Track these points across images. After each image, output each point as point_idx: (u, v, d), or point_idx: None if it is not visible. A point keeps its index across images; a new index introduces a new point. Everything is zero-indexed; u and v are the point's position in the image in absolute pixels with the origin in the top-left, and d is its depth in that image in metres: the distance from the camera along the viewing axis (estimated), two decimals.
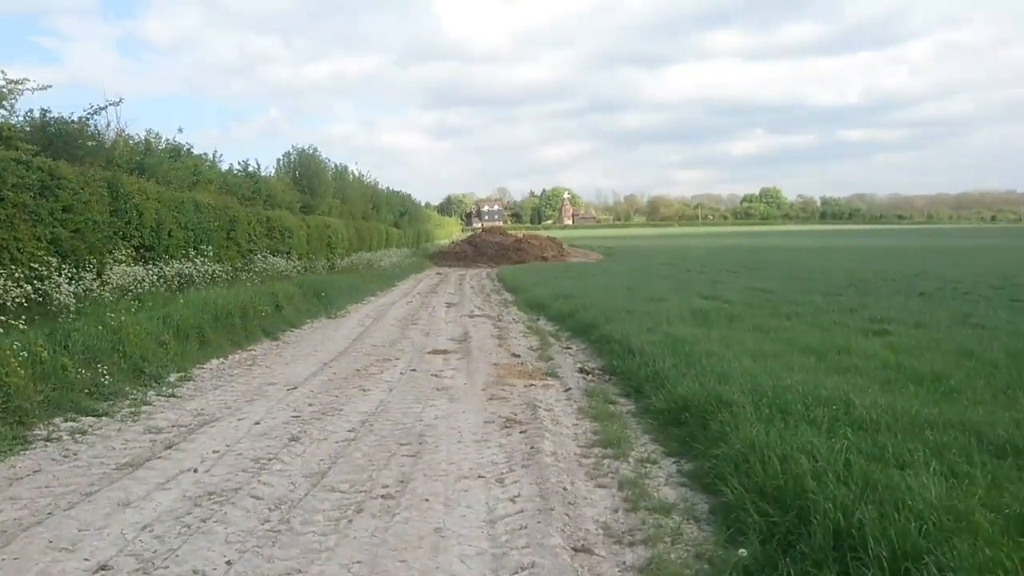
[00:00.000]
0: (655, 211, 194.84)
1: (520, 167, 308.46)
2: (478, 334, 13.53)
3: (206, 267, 14.93)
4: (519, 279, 26.82)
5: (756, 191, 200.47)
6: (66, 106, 16.90)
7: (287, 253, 21.62)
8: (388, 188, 52.79)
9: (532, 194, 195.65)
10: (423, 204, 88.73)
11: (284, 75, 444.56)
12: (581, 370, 9.69)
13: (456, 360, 10.66)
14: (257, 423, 6.62)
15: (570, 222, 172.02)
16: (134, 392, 7.71)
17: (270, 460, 5.51)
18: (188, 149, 19.76)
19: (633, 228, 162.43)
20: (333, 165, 37.88)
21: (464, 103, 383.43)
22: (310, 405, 7.44)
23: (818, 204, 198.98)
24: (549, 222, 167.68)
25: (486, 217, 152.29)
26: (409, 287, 27.19)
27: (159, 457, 5.58)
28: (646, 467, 5.48)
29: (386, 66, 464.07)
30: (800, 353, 9.71)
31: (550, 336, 13.35)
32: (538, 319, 16.48)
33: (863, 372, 8.35)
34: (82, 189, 11.18)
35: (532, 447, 5.77)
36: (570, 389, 8.48)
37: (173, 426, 6.60)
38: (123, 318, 8.60)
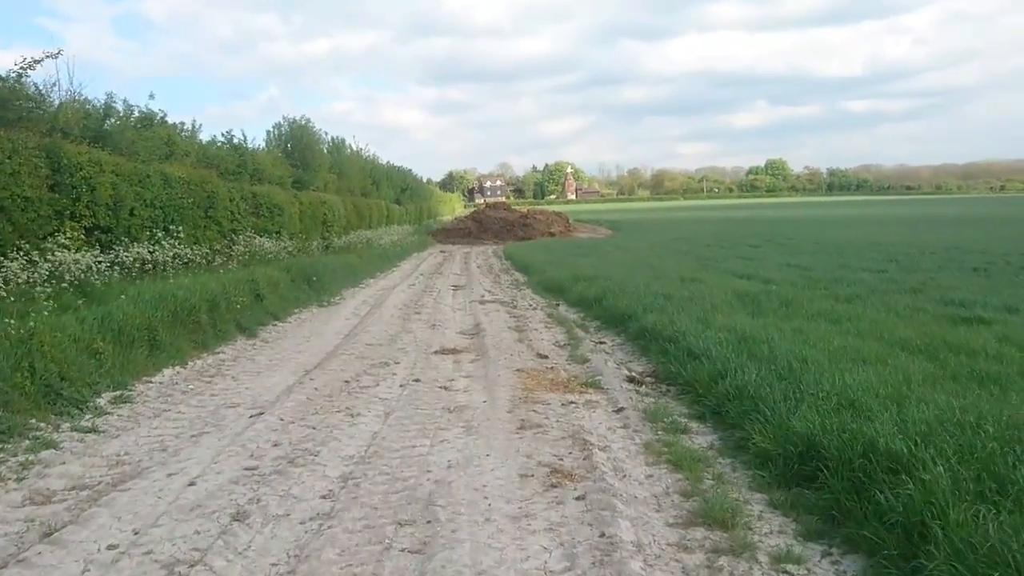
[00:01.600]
0: (659, 185, 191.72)
1: (522, 142, 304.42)
2: (492, 326, 11.50)
3: (176, 250, 12.90)
4: (529, 257, 24.75)
5: (759, 164, 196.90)
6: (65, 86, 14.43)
7: (277, 233, 19.54)
8: (388, 163, 50.58)
9: (535, 169, 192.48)
10: (425, 180, 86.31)
11: (284, 52, 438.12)
12: (630, 378, 7.63)
13: (469, 363, 8.63)
14: (192, 483, 4.58)
15: (573, 197, 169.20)
16: (40, 427, 5.68)
17: (192, 567, 3.48)
18: (162, 117, 17.62)
19: (638, 202, 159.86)
20: (330, 138, 35.75)
21: (464, 79, 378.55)
22: (275, 445, 5.40)
23: (825, 176, 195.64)
24: (552, 197, 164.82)
25: (488, 193, 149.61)
26: (411, 267, 25.15)
27: (20, 561, 3.56)
28: (792, 574, 3.44)
29: (386, 42, 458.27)
30: (904, 352, 7.67)
31: (577, 327, 11.31)
32: (558, 304, 14.44)
33: (1009, 383, 6.30)
34: (7, 159, 9.12)
35: (602, 533, 3.73)
36: (623, 409, 6.44)
37: (72, 488, 4.57)
38: (32, 323, 6.53)
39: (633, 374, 7.82)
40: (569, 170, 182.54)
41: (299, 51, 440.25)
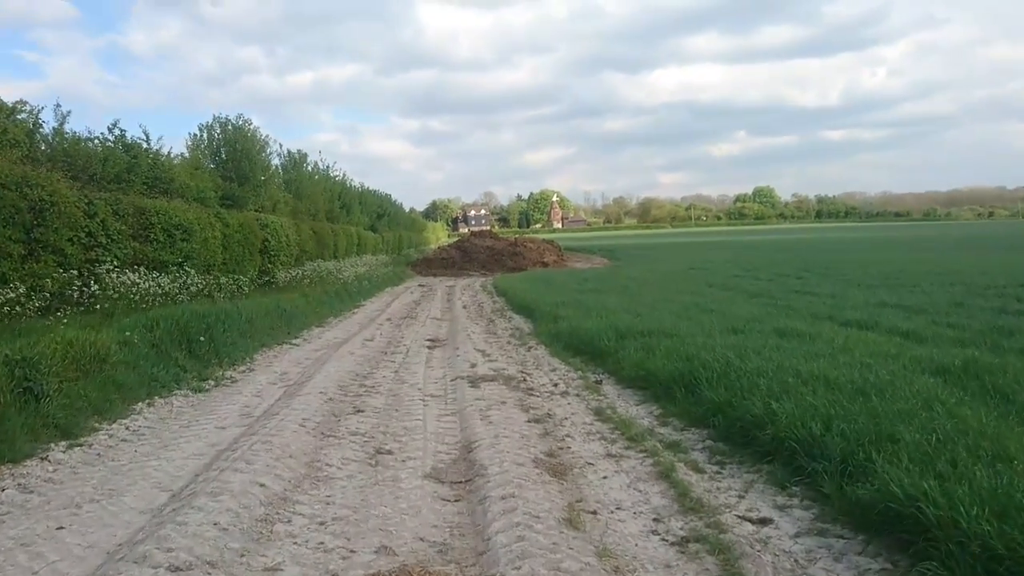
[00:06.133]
0: (646, 212, 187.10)
1: (505, 172, 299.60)
2: (499, 453, 5.52)
3: None
4: (529, 294, 18.71)
5: (740, 192, 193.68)
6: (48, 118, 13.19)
7: (179, 265, 13.52)
8: (362, 185, 44.69)
9: (519, 198, 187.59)
10: (408, 209, 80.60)
11: (267, 85, 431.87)
12: None
13: None
14: None
15: (560, 225, 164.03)
16: None
17: None
18: None
19: (625, 230, 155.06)
20: (286, 151, 29.89)
21: (447, 110, 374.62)
22: None
23: (813, 203, 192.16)
24: (538, 226, 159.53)
25: (473, 222, 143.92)
26: (378, 309, 19.06)
27: None
28: None
29: (368, 74, 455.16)
30: None
31: (667, 451, 5.44)
32: (599, 382, 8.57)
33: None
34: None
35: None
36: None
37: None
38: None
39: None
40: (555, 198, 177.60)
41: (282, 83, 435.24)
